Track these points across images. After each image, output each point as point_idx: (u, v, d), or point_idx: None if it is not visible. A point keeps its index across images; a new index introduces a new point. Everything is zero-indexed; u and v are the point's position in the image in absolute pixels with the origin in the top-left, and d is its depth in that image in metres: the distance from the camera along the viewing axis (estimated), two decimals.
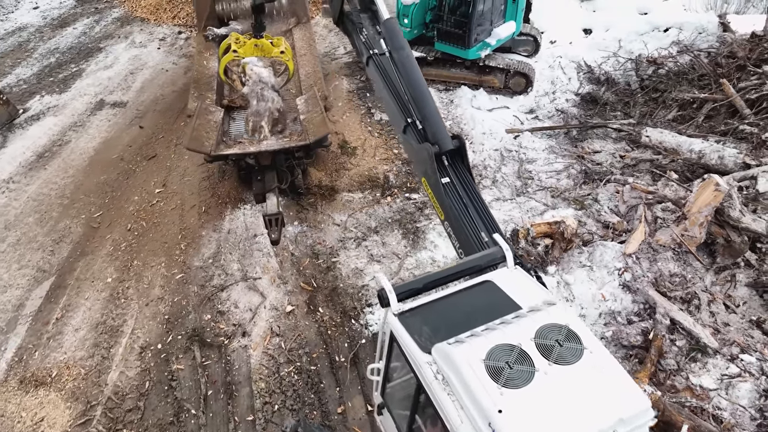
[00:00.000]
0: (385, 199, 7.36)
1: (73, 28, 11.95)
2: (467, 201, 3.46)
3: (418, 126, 3.91)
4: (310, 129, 6.25)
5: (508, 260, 2.91)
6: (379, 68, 4.40)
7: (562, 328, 2.44)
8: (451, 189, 3.49)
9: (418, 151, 3.76)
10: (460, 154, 3.71)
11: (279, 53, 6.72)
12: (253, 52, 6.62)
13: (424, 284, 2.85)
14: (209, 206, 7.21)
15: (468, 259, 3.04)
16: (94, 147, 8.42)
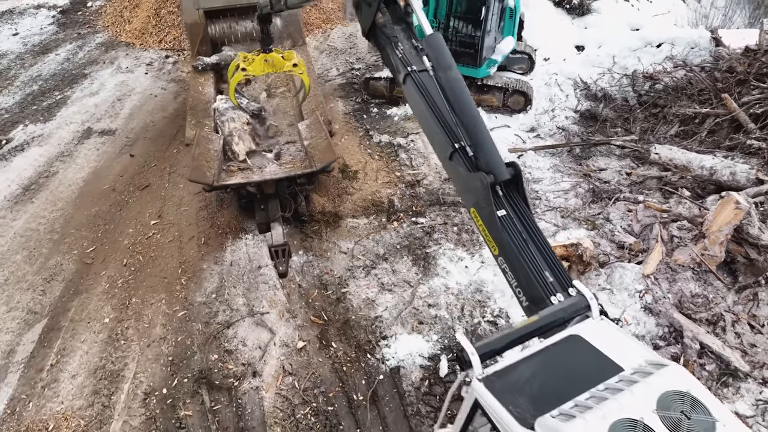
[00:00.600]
0: (392, 224, 7.14)
1: (56, 55, 11.61)
2: (526, 236, 3.17)
3: (469, 153, 3.56)
4: (315, 155, 6.03)
5: (593, 310, 2.66)
6: (420, 87, 3.95)
7: (685, 395, 2.13)
8: (508, 222, 3.19)
9: (468, 180, 3.43)
10: (514, 184, 3.39)
11: (291, 66, 6.19)
12: (264, 68, 6.14)
13: (506, 343, 2.57)
14: (209, 237, 6.91)
15: (549, 311, 2.75)
16: (84, 178, 8.06)
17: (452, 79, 3.63)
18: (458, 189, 3.79)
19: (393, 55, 4.30)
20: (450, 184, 7.76)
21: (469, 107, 3.55)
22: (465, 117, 3.56)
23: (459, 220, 7.16)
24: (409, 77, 4.05)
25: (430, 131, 3.85)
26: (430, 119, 3.78)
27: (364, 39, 12.60)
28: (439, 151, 3.80)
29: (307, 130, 6.50)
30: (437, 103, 3.77)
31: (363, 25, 4.75)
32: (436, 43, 3.76)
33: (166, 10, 11.95)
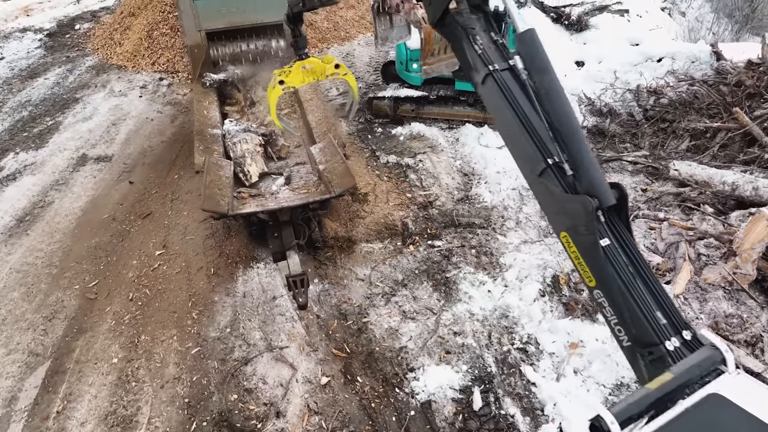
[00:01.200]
0: (408, 248, 6.91)
1: (45, 79, 11.26)
2: (633, 270, 2.81)
3: (566, 171, 3.07)
4: (333, 180, 5.80)
5: (729, 364, 2.36)
6: (504, 90, 3.31)
7: None
8: (612, 253, 2.83)
9: (565, 203, 2.99)
10: (617, 209, 2.97)
11: (334, 69, 5.37)
12: (303, 77, 5.33)
13: (645, 406, 2.25)
14: (218, 267, 6.60)
15: (683, 367, 2.43)
16: (81, 207, 7.71)
17: (549, 85, 3.13)
18: (547, 210, 3.30)
19: (470, 50, 3.57)
20: (464, 205, 7.59)
21: (568, 118, 3.11)
22: (564, 129, 3.08)
23: (476, 242, 6.96)
24: (490, 77, 3.41)
25: (515, 142, 3.31)
26: (516, 128, 3.22)
27: (362, 58, 12.45)
28: (525, 166, 3.27)
29: (321, 153, 6.27)
30: (524, 110, 3.25)
31: (433, 12, 3.95)
32: (532, 41, 3.20)
33: (158, 32, 11.71)
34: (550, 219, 3.19)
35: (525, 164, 3.26)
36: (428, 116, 9.37)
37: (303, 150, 7.36)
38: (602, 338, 5.47)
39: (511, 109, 3.22)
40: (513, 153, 3.43)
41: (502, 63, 3.35)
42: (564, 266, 6.32)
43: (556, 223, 3.10)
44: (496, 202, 7.58)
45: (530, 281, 6.17)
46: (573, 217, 2.82)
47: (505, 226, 7.19)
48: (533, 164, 3.14)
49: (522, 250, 6.77)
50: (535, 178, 3.16)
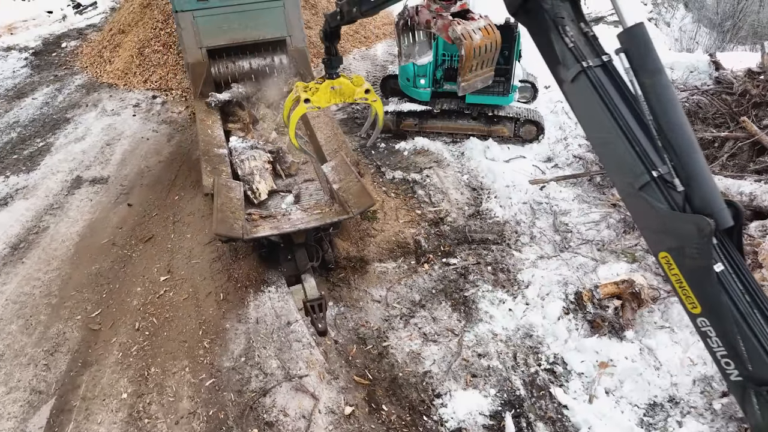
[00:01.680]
0: (422, 266, 6.73)
1: (33, 99, 10.92)
2: (750, 299, 2.55)
3: (677, 186, 2.71)
4: (350, 200, 5.60)
5: None
6: (599, 89, 2.94)
7: None
8: (727, 280, 2.51)
9: (673, 221, 2.69)
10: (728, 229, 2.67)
11: (363, 93, 5.07)
12: (330, 97, 5.02)
13: None
14: (227, 292, 6.34)
15: None
16: (78, 232, 7.39)
17: (662, 87, 2.76)
18: (645, 227, 2.96)
19: (559, 42, 3.12)
20: (476, 221, 7.44)
21: (682, 126, 2.73)
22: (677, 138, 2.71)
23: (491, 258, 6.81)
24: (582, 75, 3.00)
25: (611, 150, 2.95)
26: (613, 134, 2.87)
27: (358, 72, 12.30)
28: (622, 178, 2.93)
29: (334, 172, 6.08)
30: (623, 114, 2.89)
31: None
32: (642, 38, 2.81)
33: (150, 49, 11.44)
34: (648, 237, 2.88)
35: (622, 176, 2.91)
36: (432, 130, 9.25)
37: (310, 166, 7.16)
38: (632, 356, 5.33)
39: (608, 113, 2.87)
40: (606, 162, 3.09)
41: (596, 59, 2.94)
42: (585, 282, 6.19)
43: (656, 242, 2.79)
44: (508, 217, 7.45)
45: (552, 299, 6.03)
46: (681, 238, 2.55)
47: (520, 241, 7.06)
48: (633, 176, 2.79)
49: (539, 266, 6.64)
50: (633, 191, 2.81)
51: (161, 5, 11.64)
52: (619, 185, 2.94)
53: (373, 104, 5.13)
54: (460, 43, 5.19)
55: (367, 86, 5.02)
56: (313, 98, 4.91)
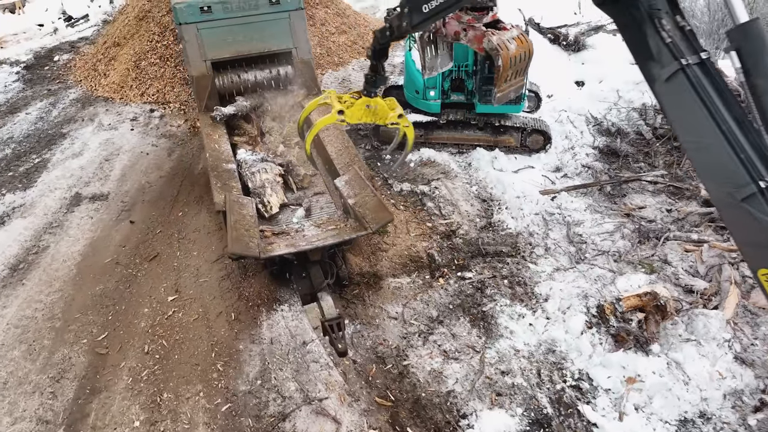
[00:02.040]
0: (437, 281, 6.59)
1: (26, 114, 10.66)
2: None
3: None
4: (367, 215, 5.45)
5: None
6: (699, 90, 2.70)
7: None
8: None
9: None
10: None
11: (396, 118, 4.90)
12: (363, 115, 4.78)
13: None
14: (239, 312, 6.14)
15: None
16: (80, 251, 7.16)
17: None
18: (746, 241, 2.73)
19: (654, 37, 2.83)
20: (488, 233, 7.32)
21: None
22: None
23: (507, 271, 6.68)
24: (680, 74, 2.76)
25: (710, 156, 2.73)
26: (714, 139, 2.65)
27: (358, 83, 12.21)
28: (722, 187, 2.71)
29: (348, 186, 5.93)
30: (724, 117, 2.66)
31: None
32: (758, 35, 2.58)
33: (146, 62, 11.25)
34: (747, 251, 2.68)
35: (721, 184, 2.69)
36: (438, 141, 9.14)
37: (319, 179, 7.00)
38: (659, 371, 5.22)
39: (708, 115, 2.65)
40: (701, 169, 2.84)
41: (694, 56, 2.71)
42: (605, 294, 6.08)
43: (757, 258, 2.60)
44: (521, 229, 7.34)
45: (574, 312, 5.91)
46: None
47: (534, 253, 6.94)
48: (735, 186, 2.58)
49: (556, 278, 6.52)
50: (734, 202, 2.60)
51: (157, 18, 11.46)
52: (716, 194, 2.75)
53: (405, 129, 4.96)
54: (497, 53, 5.10)
55: (400, 110, 4.85)
56: (347, 112, 4.72)
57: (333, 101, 4.73)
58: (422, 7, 3.84)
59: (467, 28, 5.72)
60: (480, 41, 5.37)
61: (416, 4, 3.90)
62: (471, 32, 5.72)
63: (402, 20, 4.12)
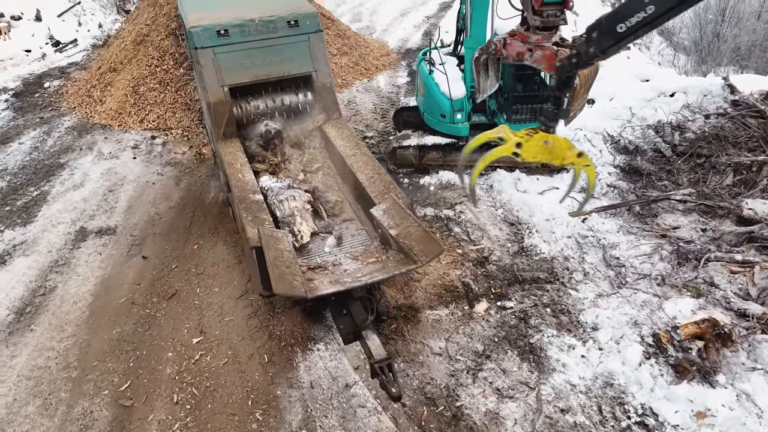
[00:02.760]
0: (477, 312, 6.26)
1: (20, 144, 10.13)
2: None
3: None
4: (414, 248, 5.12)
5: None
6: None
7: None
8: None
9: None
10: None
11: (575, 158, 4.40)
12: (539, 153, 4.31)
13: None
14: (272, 353, 5.74)
15: None
16: (91, 291, 6.68)
17: None
18: None
19: None
20: (522, 258, 7.05)
21: None
22: None
23: (548, 299, 6.40)
24: None
25: None
26: None
27: (365, 105, 11.92)
28: None
29: (387, 216, 5.59)
30: None
31: None
32: None
33: (145, 87, 10.85)
34: None
35: None
36: (456, 163, 8.89)
37: (345, 204, 6.67)
38: (729, 404, 4.95)
39: None
40: None
41: None
42: (657, 322, 5.84)
43: None
44: (555, 253, 7.09)
45: (628, 342, 5.64)
46: None
47: (573, 279, 6.68)
48: None
49: (600, 305, 6.26)
50: None
51: (156, 42, 11.10)
52: None
53: (587, 170, 4.55)
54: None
55: (579, 150, 4.45)
56: (523, 147, 4.31)
57: (508, 134, 4.37)
58: (617, 27, 3.52)
59: (534, 48, 5.52)
60: (550, 60, 5.18)
61: (610, 26, 3.58)
62: (539, 52, 5.51)
63: (590, 46, 3.83)
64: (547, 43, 5.29)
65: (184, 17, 7.18)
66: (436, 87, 7.98)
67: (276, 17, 7.00)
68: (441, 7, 18.25)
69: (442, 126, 8.23)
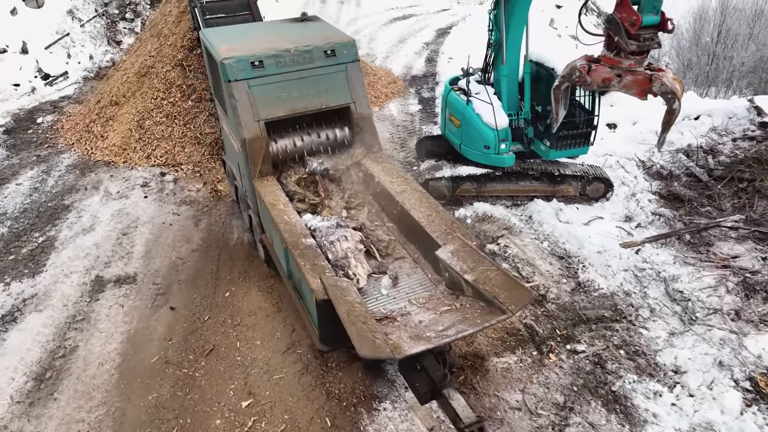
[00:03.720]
0: (548, 357, 5.80)
1: (17, 185, 9.41)
2: None
3: None
4: (499, 295, 4.65)
5: None
6: None
7: None
8: None
9: None
10: None
11: None
12: None
13: None
14: (334, 416, 5.16)
15: None
16: (118, 350, 6.01)
17: None
18: None
19: None
20: (580, 296, 6.65)
21: None
22: None
23: (619, 340, 5.99)
24: None
25: None
26: None
27: (381, 134, 11.56)
28: None
29: (456, 258, 5.12)
30: None
31: None
32: None
33: (151, 121, 10.27)
34: None
35: None
36: (491, 194, 8.51)
37: (396, 242, 6.19)
38: None
39: None
40: None
41: None
42: (745, 362, 5.46)
43: None
44: (614, 288, 6.70)
45: (722, 387, 5.23)
46: None
47: (640, 316, 6.29)
48: None
49: (675, 344, 5.87)
50: None
51: (161, 73, 10.56)
52: None
53: None
54: (674, 97, 4.65)
55: None
56: None
57: None
58: None
59: (624, 73, 5.23)
60: (642, 86, 4.91)
61: None
62: (629, 77, 5.22)
63: None
64: (639, 68, 5.01)
65: (211, 49, 6.70)
66: (477, 118, 7.61)
67: (312, 47, 6.58)
68: (438, 33, 18.14)
69: (484, 158, 7.85)
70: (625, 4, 5.14)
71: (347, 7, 21.48)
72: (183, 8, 10.98)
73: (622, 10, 5.17)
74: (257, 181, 6.39)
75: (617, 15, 5.22)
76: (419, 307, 5.19)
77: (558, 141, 7.71)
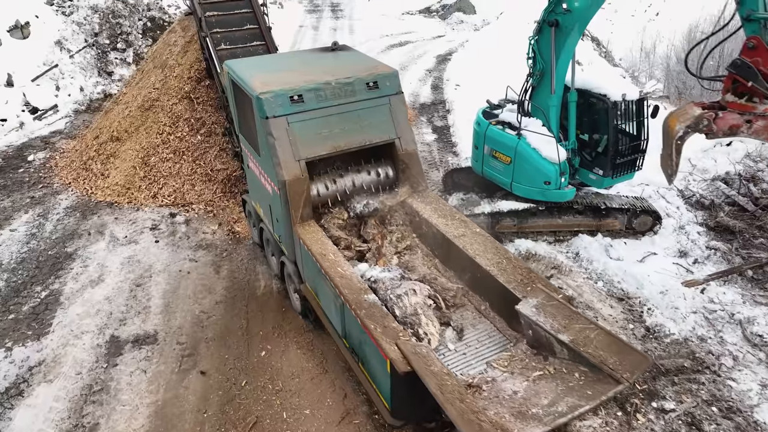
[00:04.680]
0: (635, 419, 5.20)
1: (11, 231, 8.56)
2: None
3: None
4: (608, 360, 4.06)
5: None
6: None
7: None
8: None
9: None
10: None
11: None
12: None
13: None
14: None
15: None
16: (146, 427, 5.23)
17: None
18: None
19: None
20: (652, 343, 6.10)
21: None
22: None
23: (707, 394, 5.43)
24: None
25: None
26: None
27: None
28: None
29: (543, 314, 4.54)
30: None
31: None
32: None
33: (157, 158, 9.56)
34: None
35: None
36: (532, 230, 7.99)
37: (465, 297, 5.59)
38: None
39: None
40: None
41: None
42: None
43: None
44: (687, 333, 6.18)
45: None
46: None
47: (723, 365, 5.76)
48: None
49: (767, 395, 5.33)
50: None
51: (167, 107, 9.91)
52: None
53: None
54: None
55: None
56: None
57: None
58: None
59: (755, 119, 4.86)
60: None
61: None
62: (761, 122, 4.84)
63: None
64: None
65: (242, 82, 6.10)
66: (534, 153, 7.10)
67: (354, 78, 6.04)
68: (438, 60, 17.85)
69: (541, 194, 7.33)
70: (760, 47, 4.96)
71: (340, 35, 21.13)
72: (189, 38, 10.40)
73: (757, 54, 4.95)
74: (300, 226, 5.75)
75: (749, 59, 5.01)
76: (503, 371, 4.57)
77: (613, 169, 7.29)
